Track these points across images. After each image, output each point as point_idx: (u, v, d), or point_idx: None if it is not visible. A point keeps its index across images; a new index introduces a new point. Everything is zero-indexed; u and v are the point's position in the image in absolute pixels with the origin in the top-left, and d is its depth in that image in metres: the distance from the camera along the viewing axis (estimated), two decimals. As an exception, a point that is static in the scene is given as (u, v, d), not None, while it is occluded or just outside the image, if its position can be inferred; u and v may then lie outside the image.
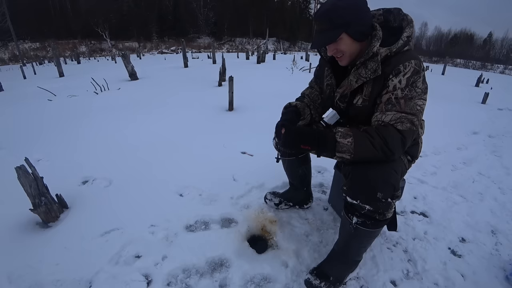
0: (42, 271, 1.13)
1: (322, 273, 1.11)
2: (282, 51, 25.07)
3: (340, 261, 1.13)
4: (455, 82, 8.43)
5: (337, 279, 1.11)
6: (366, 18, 0.97)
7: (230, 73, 4.32)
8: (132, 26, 31.24)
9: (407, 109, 0.91)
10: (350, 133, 0.91)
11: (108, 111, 3.23)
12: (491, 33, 42.41)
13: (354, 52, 0.99)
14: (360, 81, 1.00)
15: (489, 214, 1.65)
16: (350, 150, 0.90)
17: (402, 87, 0.92)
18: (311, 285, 1.09)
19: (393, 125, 0.90)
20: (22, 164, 1.28)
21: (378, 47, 0.95)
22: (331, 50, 0.99)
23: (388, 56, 0.95)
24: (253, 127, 2.79)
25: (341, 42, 0.96)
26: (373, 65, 0.96)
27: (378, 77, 0.97)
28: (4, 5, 17.51)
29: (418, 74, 0.93)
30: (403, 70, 0.92)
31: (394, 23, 1.02)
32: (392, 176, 0.92)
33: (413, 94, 0.92)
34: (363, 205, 0.94)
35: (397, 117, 0.91)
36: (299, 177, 1.48)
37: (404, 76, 0.92)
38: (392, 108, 0.92)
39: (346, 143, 0.90)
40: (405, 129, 0.90)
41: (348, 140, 0.89)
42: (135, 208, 1.52)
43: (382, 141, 0.88)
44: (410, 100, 0.92)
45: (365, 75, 0.98)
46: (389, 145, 0.88)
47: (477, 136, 3.15)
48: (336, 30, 0.94)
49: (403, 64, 0.92)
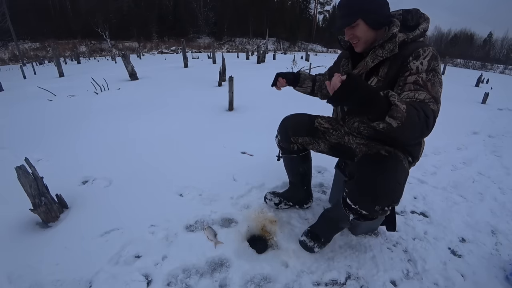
0: (42, 271, 1.13)
1: (314, 235, 1.26)
2: (282, 51, 25.06)
3: (330, 226, 1.25)
4: (455, 82, 8.42)
5: (326, 239, 1.27)
6: (384, 9, 1.02)
7: (230, 73, 4.32)
8: (132, 26, 31.21)
9: (433, 92, 0.92)
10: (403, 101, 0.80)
11: (108, 111, 3.23)
12: (491, 33, 42.39)
13: (369, 39, 1.04)
14: (376, 61, 1.04)
15: (489, 214, 1.65)
16: (402, 118, 0.77)
17: (425, 69, 0.94)
18: (306, 246, 1.26)
19: (428, 104, 0.89)
20: (22, 164, 1.28)
21: (397, 31, 1.00)
22: (348, 35, 1.05)
23: (405, 41, 1.00)
24: (253, 127, 2.79)
25: (357, 27, 1.02)
26: (390, 46, 1.01)
27: (394, 58, 1.01)
28: (4, 5, 17.51)
29: (436, 60, 0.96)
30: (423, 54, 0.95)
31: (411, 22, 1.06)
32: (396, 190, 0.94)
33: (436, 80, 0.94)
34: (360, 210, 1.00)
35: (429, 97, 0.91)
36: (299, 175, 1.49)
37: (425, 59, 0.94)
38: (422, 89, 0.92)
39: (402, 109, 0.77)
40: (436, 109, 0.90)
41: (404, 106, 0.78)
42: (135, 208, 1.52)
43: (424, 115, 0.83)
44: (434, 85, 0.93)
45: (382, 54, 1.03)
46: (428, 121, 0.85)
47: (477, 136, 3.15)
48: (353, 16, 1.01)
49: (422, 48, 0.95)
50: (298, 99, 3.43)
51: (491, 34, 42.46)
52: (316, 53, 25.72)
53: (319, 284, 1.14)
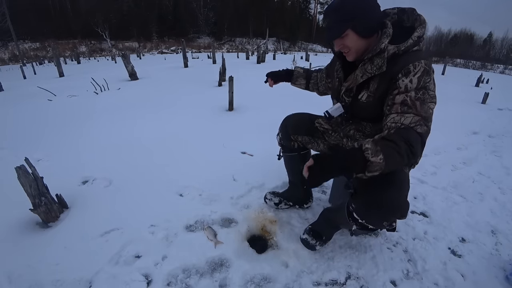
0: (42, 271, 1.13)
1: (316, 233, 1.27)
2: (282, 51, 25.06)
3: (331, 225, 1.25)
4: (455, 82, 8.43)
5: (328, 237, 1.28)
6: (374, 15, 0.97)
7: (230, 73, 4.32)
8: (132, 26, 31.20)
9: (422, 112, 0.89)
10: (379, 148, 0.81)
11: (108, 111, 3.23)
12: (491, 33, 42.39)
13: (360, 48, 1.00)
14: (365, 76, 1.01)
15: (489, 214, 1.65)
16: (381, 168, 0.81)
17: (414, 87, 0.90)
18: (308, 244, 1.26)
19: (412, 127, 0.88)
20: (22, 164, 1.28)
21: (386, 44, 0.94)
22: (338, 45, 1.01)
23: (395, 55, 0.95)
24: (253, 127, 2.79)
25: (347, 38, 0.98)
26: (379, 61, 0.96)
27: (384, 74, 0.97)
28: (4, 5, 17.52)
29: (428, 75, 0.91)
30: (413, 70, 0.90)
31: (407, 23, 1.01)
32: (404, 204, 0.93)
33: (426, 97, 0.90)
34: (367, 224, 0.98)
35: (416, 119, 0.88)
36: (299, 174, 1.47)
37: (414, 76, 0.90)
38: (409, 110, 0.89)
39: (379, 161, 0.80)
40: (423, 132, 0.88)
41: (380, 157, 0.80)
42: (135, 208, 1.52)
43: (408, 146, 0.84)
44: (424, 103, 0.90)
45: (371, 71, 0.99)
46: (414, 150, 0.85)
47: (477, 136, 3.15)
48: (341, 27, 0.96)
49: (413, 64, 0.90)
50: (298, 99, 3.43)
51: (491, 34, 42.46)
52: (316, 53, 25.72)
53: (319, 284, 1.14)
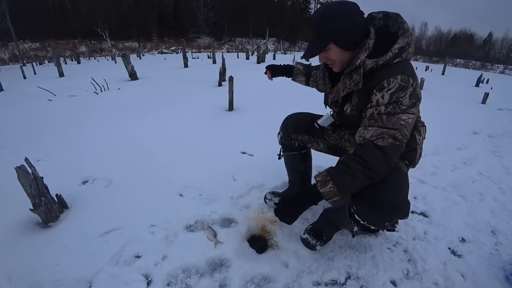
0: (42, 271, 1.13)
1: (317, 232, 1.26)
2: (282, 51, 25.06)
3: (331, 225, 1.25)
4: (455, 82, 8.43)
5: (328, 237, 1.28)
6: (356, 27, 0.94)
7: (230, 73, 4.32)
8: (132, 26, 31.22)
9: (389, 124, 0.89)
10: (328, 178, 0.93)
11: (108, 111, 3.23)
12: (491, 33, 42.41)
13: (344, 60, 0.99)
14: (345, 91, 1.02)
15: (489, 214, 1.65)
16: (335, 193, 0.92)
17: (385, 102, 0.90)
18: (308, 244, 1.25)
19: (373, 141, 0.90)
20: (22, 164, 1.28)
21: (362, 60, 0.93)
22: (322, 58, 1.01)
23: (374, 69, 0.93)
24: (253, 127, 2.79)
25: (329, 51, 0.97)
26: (356, 77, 0.96)
27: (363, 89, 0.97)
28: (4, 5, 17.52)
29: (404, 90, 0.88)
30: (387, 86, 0.89)
31: (392, 29, 0.99)
32: (404, 204, 0.93)
33: (397, 110, 0.89)
34: (369, 225, 0.98)
35: (378, 132, 0.90)
36: (299, 173, 1.49)
37: (387, 92, 0.89)
38: (375, 124, 0.91)
39: (329, 190, 0.92)
40: (386, 144, 0.89)
41: (329, 186, 0.92)
42: (135, 208, 1.52)
43: (360, 165, 0.89)
44: (393, 115, 0.89)
45: (349, 86, 0.99)
46: (369, 166, 0.88)
47: (477, 136, 3.15)
48: (323, 41, 0.95)
49: (387, 80, 0.89)
50: (299, 98, 3.43)
51: (491, 34, 42.47)
52: (316, 53, 25.63)
53: (319, 284, 1.14)
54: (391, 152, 0.89)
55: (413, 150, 1.11)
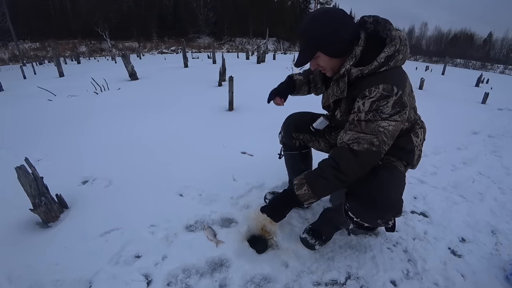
0: (42, 271, 1.13)
1: (316, 232, 1.26)
2: (282, 51, 25.05)
3: (331, 225, 1.25)
4: (455, 82, 8.42)
5: (327, 237, 1.28)
6: (342, 35, 0.93)
7: (230, 73, 4.32)
8: (132, 26, 31.23)
9: (367, 130, 0.91)
10: (303, 181, 0.98)
11: (108, 111, 3.23)
12: (491, 33, 42.42)
13: (335, 66, 1.01)
14: (333, 98, 1.04)
15: (489, 214, 1.65)
16: (311, 196, 0.97)
17: (366, 110, 0.91)
18: (307, 243, 1.25)
19: (349, 145, 0.92)
20: (22, 164, 1.28)
21: (347, 68, 0.95)
22: (313, 65, 1.03)
23: (359, 77, 0.94)
24: (253, 127, 2.79)
25: (318, 59, 1.00)
26: (341, 85, 0.99)
27: (348, 97, 1.00)
28: (4, 5, 17.52)
29: (385, 99, 0.89)
30: (368, 95, 0.91)
31: (383, 34, 0.98)
32: (397, 202, 0.94)
33: (377, 118, 0.90)
34: (362, 222, 0.99)
35: (355, 137, 0.91)
36: (300, 173, 1.49)
37: (368, 100, 0.90)
38: (354, 129, 0.93)
39: (304, 192, 0.97)
40: (361, 149, 0.90)
41: (304, 189, 0.97)
42: (135, 208, 1.52)
43: (333, 168, 0.92)
44: (372, 122, 0.90)
45: (336, 93, 1.02)
46: (340, 168, 0.91)
47: (477, 136, 3.15)
48: (311, 50, 0.97)
49: (369, 89, 0.90)
50: (299, 99, 3.43)
51: (491, 34, 42.50)
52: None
53: (319, 284, 1.14)
54: (364, 157, 0.91)
55: (410, 152, 1.10)
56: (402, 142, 1.07)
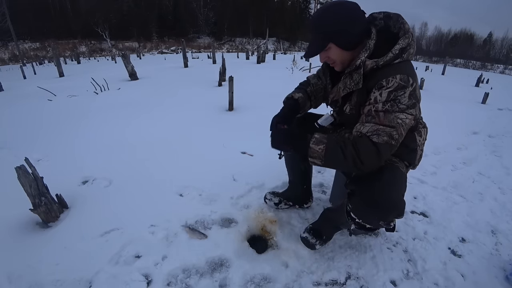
0: (42, 271, 1.13)
1: (317, 232, 1.26)
2: (282, 51, 25.05)
3: (331, 225, 1.25)
4: (455, 82, 8.43)
5: (328, 237, 1.28)
6: (355, 28, 0.94)
7: (230, 73, 4.32)
8: (132, 26, 31.21)
9: (386, 121, 0.90)
10: (324, 141, 0.93)
11: (108, 111, 3.23)
12: (491, 33, 42.43)
13: (345, 59, 1.00)
14: (345, 91, 1.03)
15: (489, 214, 1.65)
16: (320, 157, 0.93)
17: (383, 100, 0.90)
18: (308, 243, 1.25)
19: (368, 136, 0.90)
20: (22, 164, 1.28)
21: (363, 60, 0.94)
22: (323, 58, 1.02)
23: (374, 69, 0.94)
24: (253, 127, 2.78)
25: (329, 51, 0.99)
26: (356, 77, 0.97)
27: (362, 89, 0.98)
28: (4, 5, 17.52)
29: (403, 90, 0.89)
30: (386, 85, 0.90)
31: (394, 29, 0.99)
32: (399, 203, 0.93)
33: (394, 108, 0.90)
34: (364, 223, 0.99)
35: (374, 129, 0.90)
36: (300, 173, 1.49)
37: (385, 90, 0.90)
38: (372, 120, 0.92)
39: (318, 150, 0.93)
40: (381, 142, 0.89)
41: (320, 147, 0.93)
42: (135, 208, 1.52)
43: (355, 151, 0.89)
44: (391, 113, 0.90)
45: (349, 86, 1.00)
46: (360, 156, 0.89)
47: (477, 136, 3.15)
48: (323, 41, 0.96)
49: (386, 79, 0.90)
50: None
51: (491, 34, 42.51)
52: (316, 53, 25.62)
53: (319, 284, 1.14)
54: (383, 150, 0.90)
55: (413, 151, 1.10)
56: (406, 140, 1.07)
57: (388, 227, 0.99)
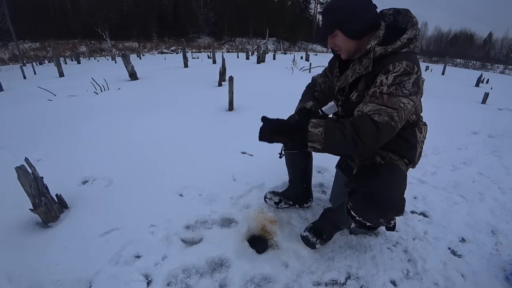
0: (42, 271, 1.13)
1: (317, 231, 1.27)
2: (282, 51, 25.06)
3: (332, 225, 1.25)
4: (455, 82, 8.43)
5: (328, 237, 1.28)
6: (364, 18, 0.99)
7: (230, 73, 4.32)
8: (132, 26, 31.19)
9: (389, 103, 0.91)
10: (322, 124, 0.93)
11: (108, 111, 3.23)
12: (491, 33, 42.42)
13: (350, 48, 1.04)
14: (354, 76, 1.05)
15: (489, 214, 1.65)
16: (320, 140, 0.92)
17: (388, 83, 0.92)
18: (308, 242, 1.26)
19: (370, 115, 0.91)
20: (22, 164, 1.28)
21: (373, 45, 0.98)
22: (330, 44, 1.07)
23: (382, 55, 0.97)
24: (253, 127, 2.77)
25: (336, 38, 1.03)
26: (366, 62, 1.00)
27: (369, 74, 1.00)
28: (4, 5, 17.52)
29: (408, 75, 0.92)
30: (392, 70, 0.93)
31: (402, 24, 1.03)
32: (400, 201, 0.94)
33: (399, 92, 0.92)
34: (364, 222, 0.99)
35: (376, 108, 0.91)
36: (300, 172, 1.49)
37: (392, 74, 0.92)
38: (375, 101, 0.93)
39: (317, 133, 0.92)
40: (382, 121, 0.89)
41: (319, 130, 0.92)
42: (135, 208, 1.52)
43: (354, 130, 0.89)
44: (394, 96, 0.91)
45: (359, 71, 1.03)
46: (360, 135, 0.89)
47: (477, 136, 3.15)
48: (331, 27, 1.02)
49: (393, 64, 0.93)
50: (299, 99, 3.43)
51: (491, 34, 42.49)
52: (316, 53, 25.70)
53: (319, 284, 1.14)
54: (383, 130, 0.90)
55: (413, 147, 1.11)
56: (407, 134, 1.09)
57: (388, 225, 1.00)
